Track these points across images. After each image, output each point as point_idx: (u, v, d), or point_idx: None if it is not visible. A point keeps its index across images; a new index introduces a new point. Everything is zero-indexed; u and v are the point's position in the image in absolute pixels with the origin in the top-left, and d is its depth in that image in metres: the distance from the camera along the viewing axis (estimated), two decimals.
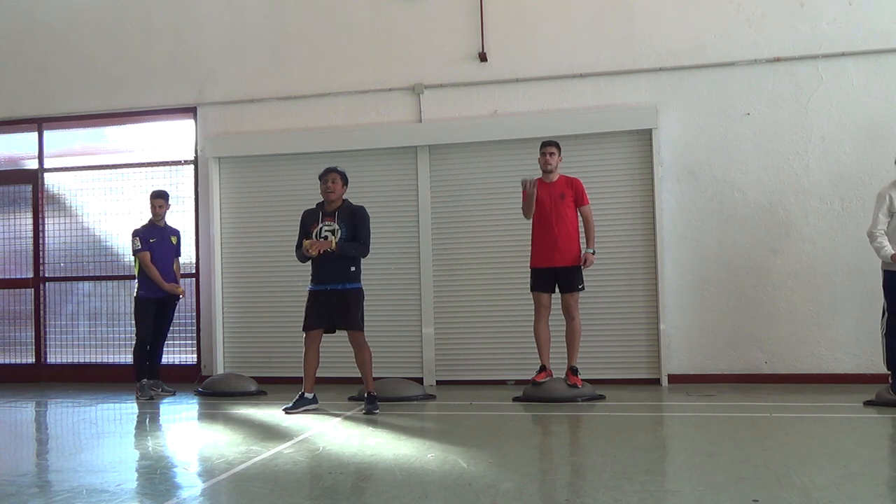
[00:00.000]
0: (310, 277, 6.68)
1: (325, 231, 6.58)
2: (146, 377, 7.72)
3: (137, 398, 7.60)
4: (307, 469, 4.66)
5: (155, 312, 7.80)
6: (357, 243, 6.58)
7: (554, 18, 8.08)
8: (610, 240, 7.77)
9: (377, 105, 8.41)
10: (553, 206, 6.91)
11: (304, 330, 6.66)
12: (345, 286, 6.53)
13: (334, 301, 6.53)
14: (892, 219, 6.18)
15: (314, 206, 6.80)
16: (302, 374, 6.68)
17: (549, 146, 7.04)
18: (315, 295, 6.61)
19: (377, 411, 6.44)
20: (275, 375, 8.22)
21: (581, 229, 7.06)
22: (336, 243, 6.49)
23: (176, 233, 8.13)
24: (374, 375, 6.76)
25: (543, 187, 6.97)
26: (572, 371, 6.94)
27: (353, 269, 6.57)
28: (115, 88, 9.01)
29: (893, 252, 6.07)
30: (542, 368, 6.98)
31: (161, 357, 7.99)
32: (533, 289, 7.02)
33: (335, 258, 6.51)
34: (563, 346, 7.05)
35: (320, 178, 6.70)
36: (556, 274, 6.94)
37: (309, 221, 6.73)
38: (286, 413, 6.50)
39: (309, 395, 6.63)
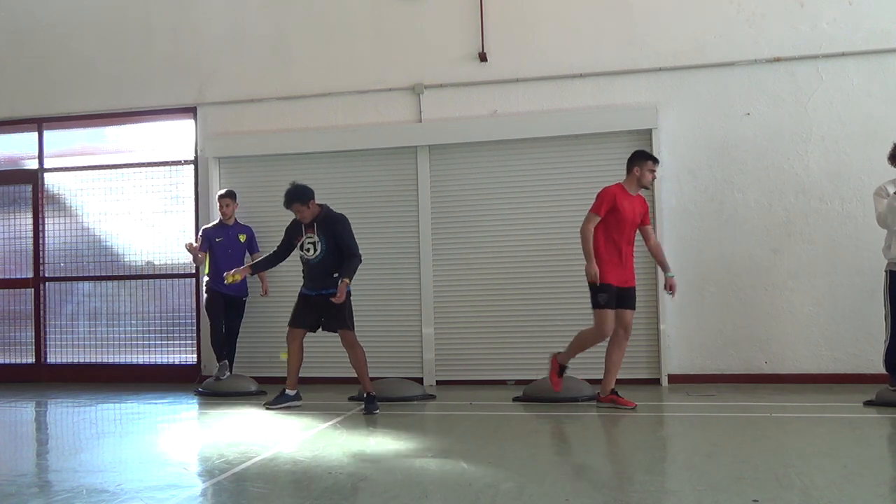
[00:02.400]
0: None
1: (308, 244, 6.65)
2: (225, 359, 7.91)
3: (214, 377, 7.84)
4: (307, 469, 4.66)
5: (224, 308, 8.00)
6: (349, 262, 6.55)
7: (554, 18, 8.08)
8: None
9: (377, 105, 8.41)
10: (633, 222, 6.40)
11: (290, 326, 6.71)
12: (331, 291, 6.56)
13: (324, 304, 6.57)
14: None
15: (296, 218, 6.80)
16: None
17: (657, 163, 6.52)
18: (306, 297, 6.71)
19: (377, 411, 6.44)
20: (275, 375, 8.19)
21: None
22: (342, 285, 6.44)
23: (246, 230, 8.19)
24: (373, 376, 6.77)
25: (627, 199, 6.38)
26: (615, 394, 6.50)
27: (335, 275, 6.60)
28: (115, 88, 9.01)
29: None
30: (615, 393, 6.44)
31: (232, 352, 8.10)
32: (607, 305, 6.30)
33: (319, 269, 6.60)
34: (560, 345, 7.02)
35: (287, 207, 6.69)
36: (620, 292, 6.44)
37: (293, 233, 6.82)
38: (266, 409, 6.55)
39: (291, 392, 6.67)
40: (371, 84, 8.42)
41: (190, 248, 8.02)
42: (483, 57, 8.16)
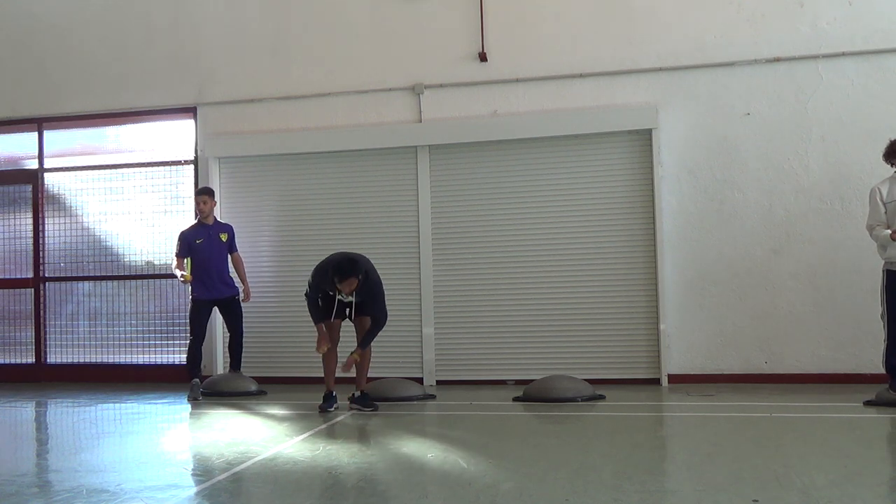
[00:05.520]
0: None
1: (346, 301, 6.56)
2: (198, 377, 7.64)
3: (188, 397, 7.52)
4: (307, 469, 4.66)
5: (220, 312, 7.94)
6: (374, 329, 6.60)
7: (554, 18, 8.08)
8: (610, 240, 7.78)
9: (377, 105, 8.41)
10: None
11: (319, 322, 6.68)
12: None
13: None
14: (887, 210, 6.21)
15: (328, 276, 6.42)
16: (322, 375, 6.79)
17: None
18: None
19: (369, 409, 6.58)
20: (275, 375, 8.22)
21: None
22: (361, 350, 6.59)
23: (226, 229, 8.03)
24: (373, 376, 6.81)
25: None
26: None
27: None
28: (116, 88, 9.01)
29: (889, 231, 6.06)
30: None
31: (238, 350, 7.94)
32: None
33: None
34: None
35: (340, 279, 6.30)
36: None
37: (329, 288, 6.51)
38: (322, 412, 6.55)
39: (335, 393, 6.71)
40: (371, 84, 8.41)
41: (185, 280, 7.71)
42: (483, 57, 8.16)
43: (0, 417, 7.34)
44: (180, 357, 8.80)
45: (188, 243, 7.77)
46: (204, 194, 7.91)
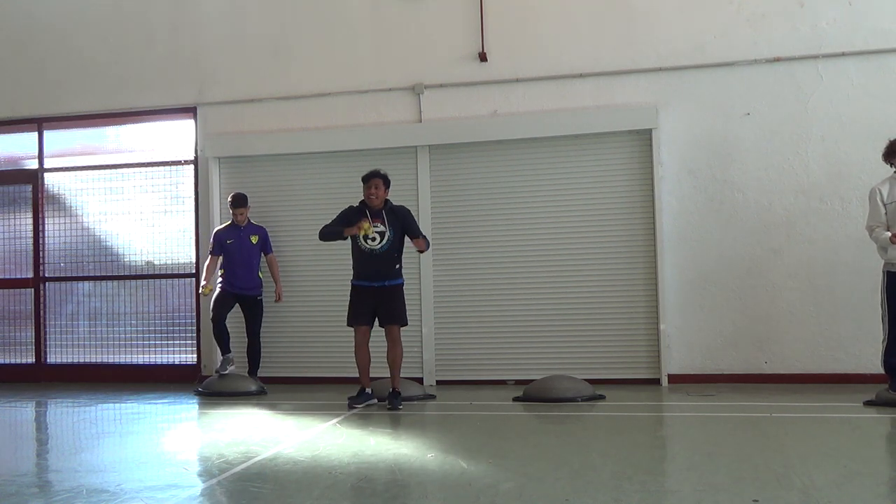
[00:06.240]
0: (352, 273, 6.80)
1: (375, 232, 6.64)
2: (228, 352, 7.87)
3: (216, 370, 7.89)
4: (307, 469, 4.66)
5: (240, 309, 8.06)
6: (423, 238, 6.88)
7: (554, 18, 8.08)
8: (610, 240, 7.77)
9: (377, 105, 8.40)
10: None
11: (349, 325, 6.76)
12: (395, 281, 6.74)
13: (381, 296, 6.67)
14: (887, 211, 6.21)
15: (357, 205, 6.83)
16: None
17: None
18: (362, 290, 6.71)
19: (401, 407, 6.59)
20: (275, 375, 8.21)
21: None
22: (422, 240, 6.79)
23: (258, 231, 8.15)
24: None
25: None
26: None
27: (397, 266, 6.75)
28: (115, 88, 9.00)
29: (889, 234, 6.06)
30: None
31: (256, 353, 8.06)
32: None
33: (384, 259, 6.63)
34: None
35: (364, 181, 6.77)
36: None
37: (353, 219, 6.73)
38: (350, 407, 6.53)
39: (368, 390, 6.70)
40: (371, 84, 8.41)
41: (204, 292, 8.03)
42: (483, 57, 8.16)
43: (0, 417, 7.34)
44: (180, 357, 8.83)
45: (220, 242, 7.99)
46: (240, 206, 8.04)
